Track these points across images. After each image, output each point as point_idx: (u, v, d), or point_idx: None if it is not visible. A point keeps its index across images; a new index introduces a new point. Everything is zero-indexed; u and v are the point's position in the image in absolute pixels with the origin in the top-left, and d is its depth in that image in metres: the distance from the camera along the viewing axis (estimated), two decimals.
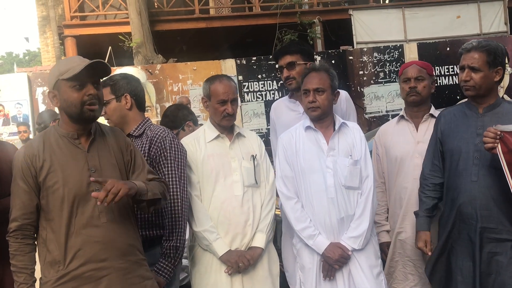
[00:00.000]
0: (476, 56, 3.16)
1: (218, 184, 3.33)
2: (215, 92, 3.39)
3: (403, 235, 3.59)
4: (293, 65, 3.76)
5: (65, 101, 2.60)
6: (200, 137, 3.44)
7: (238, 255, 3.26)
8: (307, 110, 3.36)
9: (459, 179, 3.20)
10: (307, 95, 3.33)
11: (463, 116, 3.29)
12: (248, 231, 3.33)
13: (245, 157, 3.41)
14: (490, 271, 3.10)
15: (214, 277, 3.29)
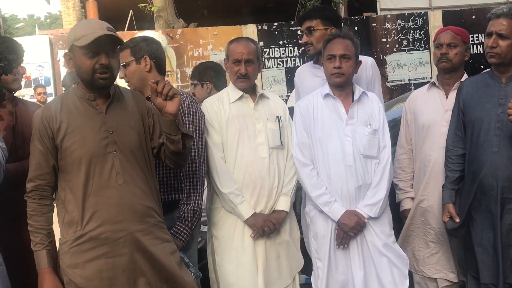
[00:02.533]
0: (505, 23, 3.09)
1: (243, 146, 3.31)
2: (231, 51, 3.36)
3: (425, 203, 3.57)
4: (311, 30, 3.71)
5: (78, 66, 2.61)
6: (224, 98, 3.41)
7: (264, 219, 3.26)
8: (331, 76, 3.30)
9: (481, 150, 3.16)
10: (332, 60, 3.28)
11: (485, 85, 3.24)
12: (273, 194, 3.33)
13: (269, 119, 3.38)
14: (510, 243, 3.09)
15: (237, 240, 3.30)
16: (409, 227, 3.65)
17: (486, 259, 3.16)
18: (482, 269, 3.18)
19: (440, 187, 3.43)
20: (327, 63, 3.31)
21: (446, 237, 3.50)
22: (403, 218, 3.67)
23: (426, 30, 11.23)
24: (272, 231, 3.27)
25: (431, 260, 3.58)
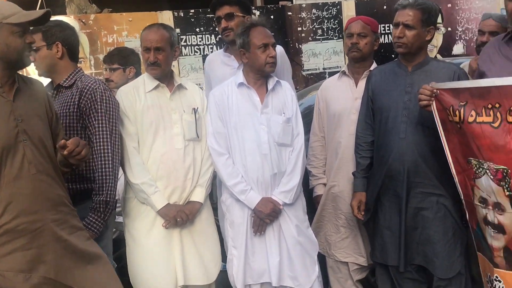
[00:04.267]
0: (411, 13, 3.20)
1: (158, 137, 3.29)
2: (143, 39, 3.33)
3: (336, 189, 3.67)
4: (231, 16, 3.71)
5: (6, 45, 2.51)
6: (140, 86, 3.36)
7: (177, 210, 3.26)
8: (265, 66, 3.33)
9: (389, 136, 3.28)
10: (265, 49, 3.31)
11: (393, 74, 3.36)
12: (188, 185, 3.32)
13: (186, 110, 3.37)
14: (416, 225, 3.24)
15: (151, 231, 3.28)
16: (322, 213, 3.75)
17: (393, 242, 3.30)
18: (390, 252, 3.32)
19: (350, 174, 3.54)
20: (259, 52, 3.32)
21: (356, 222, 3.63)
22: (316, 204, 3.77)
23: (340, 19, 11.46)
24: (184, 222, 3.27)
25: (342, 244, 3.70)
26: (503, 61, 3.00)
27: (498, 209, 2.79)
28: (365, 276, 3.80)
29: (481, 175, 2.82)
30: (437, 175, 3.18)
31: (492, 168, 2.75)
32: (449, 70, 3.24)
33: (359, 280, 3.78)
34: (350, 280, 3.75)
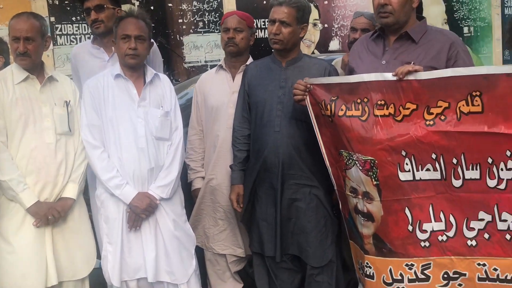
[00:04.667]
0: (287, 10, 3.27)
1: (28, 131, 3.13)
2: (11, 28, 3.15)
3: (214, 182, 3.68)
4: (102, 8, 3.62)
5: None
6: (8, 78, 3.18)
7: (48, 207, 3.12)
8: (125, 57, 3.25)
9: (264, 129, 3.35)
10: (127, 41, 3.22)
11: (268, 69, 3.43)
12: (60, 180, 3.19)
13: (57, 103, 3.23)
14: (290, 216, 3.33)
15: (20, 229, 3.13)
16: (200, 206, 3.75)
17: (269, 233, 3.37)
18: (267, 242, 3.39)
19: (228, 167, 3.57)
20: (122, 43, 3.24)
21: (234, 214, 3.67)
22: (194, 197, 3.76)
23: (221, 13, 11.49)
24: (57, 219, 3.15)
25: (220, 237, 3.72)
26: (371, 58, 3.16)
27: (367, 198, 2.94)
28: (243, 267, 3.85)
29: (351, 166, 2.95)
30: (310, 167, 3.29)
31: (361, 159, 2.89)
32: (320, 66, 3.35)
33: (237, 271, 3.82)
34: (228, 272, 3.79)
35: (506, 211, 2.69)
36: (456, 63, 2.95)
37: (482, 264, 2.80)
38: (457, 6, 12.64)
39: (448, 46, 2.99)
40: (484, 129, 2.63)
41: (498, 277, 2.77)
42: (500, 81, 2.57)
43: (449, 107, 2.70)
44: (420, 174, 2.81)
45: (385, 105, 2.82)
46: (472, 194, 2.74)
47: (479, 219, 2.76)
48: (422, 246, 2.88)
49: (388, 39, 3.12)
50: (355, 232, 3.11)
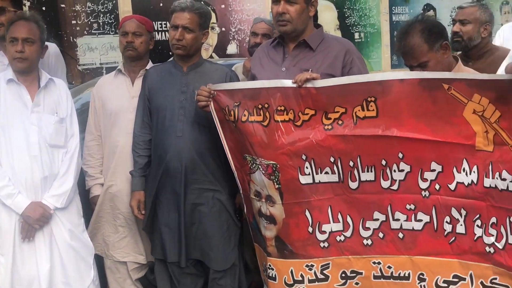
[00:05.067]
0: (189, 16, 3.28)
1: None
2: None
3: (114, 188, 3.60)
4: (3, 10, 3.52)
5: None
6: None
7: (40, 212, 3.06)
8: (13, 61, 3.12)
9: (166, 135, 3.32)
10: (14, 44, 3.09)
11: (169, 74, 3.41)
12: None
13: None
14: (193, 221, 3.33)
15: None
16: (99, 213, 3.65)
17: (172, 239, 3.35)
18: (169, 248, 3.36)
19: (128, 173, 3.50)
20: (10, 46, 3.11)
21: (135, 220, 3.61)
22: (93, 205, 3.66)
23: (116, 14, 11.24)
24: None
25: (120, 244, 3.64)
26: (271, 64, 3.22)
27: (269, 202, 3.00)
28: (144, 274, 3.79)
29: (255, 170, 3.00)
30: (213, 171, 3.31)
31: (264, 163, 2.94)
32: (222, 72, 3.38)
33: (138, 279, 3.76)
34: (129, 280, 3.71)
35: (398, 210, 2.83)
36: (351, 69, 3.08)
37: (377, 262, 2.91)
38: (349, 13, 13.14)
39: (343, 54, 3.10)
40: (379, 132, 2.75)
41: (392, 275, 2.90)
42: (394, 87, 2.70)
43: (345, 112, 2.80)
44: (320, 177, 2.90)
45: (285, 111, 2.89)
46: (367, 195, 2.86)
47: (374, 219, 2.88)
48: (321, 246, 2.97)
49: (288, 46, 3.19)
50: (259, 235, 3.15)
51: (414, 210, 2.81)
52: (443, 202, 2.75)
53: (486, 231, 2.67)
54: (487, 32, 3.71)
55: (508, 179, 2.54)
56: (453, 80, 2.60)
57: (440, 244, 2.79)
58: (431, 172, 2.73)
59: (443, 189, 2.73)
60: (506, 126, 2.52)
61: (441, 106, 2.64)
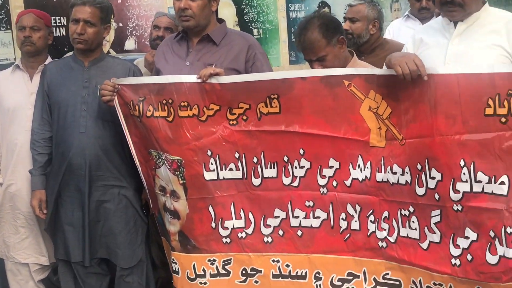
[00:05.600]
0: (90, 10, 3.22)
1: None
2: None
3: (14, 188, 3.50)
4: None
5: None
6: None
7: None
8: None
9: (68, 131, 3.25)
10: None
11: (69, 69, 3.34)
12: None
13: None
14: (99, 218, 3.28)
15: None
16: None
17: (76, 238, 3.29)
18: (73, 248, 3.30)
19: (27, 171, 3.40)
20: None
21: (36, 220, 3.51)
22: None
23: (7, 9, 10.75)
24: None
25: (21, 245, 3.54)
26: (175, 59, 3.23)
27: (174, 197, 3.01)
28: (46, 275, 3.70)
29: (161, 166, 3.00)
30: (118, 167, 3.28)
31: (169, 159, 2.95)
32: (124, 66, 3.35)
33: (41, 280, 3.66)
34: (32, 281, 3.62)
35: (298, 207, 2.87)
36: (254, 64, 3.15)
37: (276, 260, 2.95)
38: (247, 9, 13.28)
39: (246, 48, 3.17)
40: (282, 128, 2.81)
41: (290, 274, 2.94)
42: (296, 84, 2.77)
43: (249, 108, 2.85)
44: (224, 173, 2.93)
45: (189, 107, 2.90)
46: (269, 192, 2.90)
47: (274, 216, 2.92)
48: (223, 242, 2.99)
49: (192, 41, 3.22)
50: (164, 230, 3.16)
51: (313, 207, 2.85)
52: (340, 199, 2.80)
53: (379, 225, 2.76)
54: (376, 29, 3.87)
55: (399, 172, 2.66)
56: (353, 76, 2.69)
57: (336, 241, 2.85)
58: (329, 169, 2.79)
59: (339, 186, 2.79)
60: (396, 121, 2.64)
61: (340, 103, 2.72)
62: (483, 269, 2.49)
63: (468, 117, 2.46)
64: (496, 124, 2.41)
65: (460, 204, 2.51)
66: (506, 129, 2.40)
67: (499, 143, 2.41)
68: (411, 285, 2.73)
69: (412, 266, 2.70)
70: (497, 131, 2.41)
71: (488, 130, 2.43)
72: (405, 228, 2.70)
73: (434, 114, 2.52)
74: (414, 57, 2.54)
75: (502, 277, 2.45)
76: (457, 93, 2.46)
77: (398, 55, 2.60)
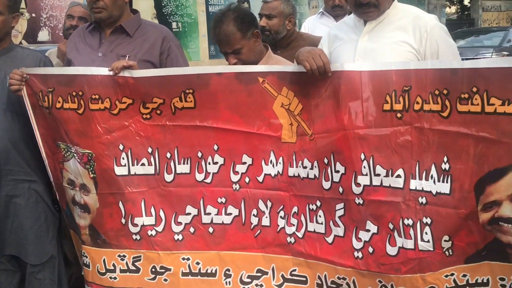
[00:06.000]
0: None
1: None
2: None
3: None
4: None
5: None
6: None
7: None
8: None
9: None
10: None
11: None
12: None
13: None
14: (8, 214, 3.16)
15: None
16: None
17: None
18: None
19: None
20: None
21: None
22: None
23: None
24: None
25: None
26: (88, 49, 3.19)
27: (84, 191, 2.98)
28: None
29: (70, 159, 2.95)
30: (29, 161, 3.17)
31: (79, 152, 2.91)
32: (35, 57, 3.25)
33: None
34: None
35: (210, 204, 2.89)
36: (169, 56, 3.15)
37: (186, 258, 2.96)
38: (165, 2, 13.17)
39: (161, 40, 3.17)
40: (196, 123, 2.82)
41: (200, 271, 2.96)
42: (212, 80, 2.79)
43: (164, 103, 2.83)
44: (135, 169, 2.91)
45: (100, 99, 2.86)
46: (182, 189, 2.90)
47: (186, 213, 2.92)
48: (133, 238, 2.97)
49: (104, 31, 3.18)
50: (73, 223, 3.11)
51: (225, 204, 2.88)
52: (252, 195, 2.84)
53: (288, 221, 2.81)
54: (292, 24, 3.94)
55: (308, 166, 2.74)
56: (268, 74, 2.74)
57: (246, 237, 2.88)
58: (242, 165, 2.83)
59: (252, 182, 2.82)
60: (306, 117, 2.72)
61: (255, 99, 2.76)
62: (384, 260, 2.61)
63: (368, 113, 2.57)
64: (392, 119, 2.54)
65: (361, 197, 2.62)
66: (401, 124, 2.52)
67: (395, 137, 2.54)
68: (317, 280, 2.81)
69: (317, 261, 2.78)
70: (393, 126, 2.54)
71: (385, 125, 2.55)
72: (313, 223, 2.78)
73: (339, 109, 2.62)
74: (320, 52, 2.63)
75: (401, 268, 2.58)
76: (359, 89, 2.57)
77: (305, 51, 2.67)
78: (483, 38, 15.55)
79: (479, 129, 2.37)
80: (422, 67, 2.51)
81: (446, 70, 2.43)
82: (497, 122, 2.32)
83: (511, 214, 2.37)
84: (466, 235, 2.48)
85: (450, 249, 2.51)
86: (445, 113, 2.44)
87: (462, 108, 2.40)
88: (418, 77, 2.49)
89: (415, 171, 2.53)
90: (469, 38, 15.59)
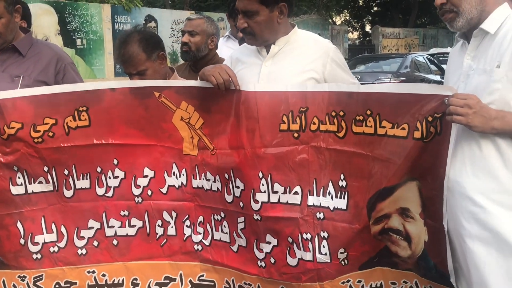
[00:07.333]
0: None
1: None
2: None
3: None
4: None
5: None
6: None
7: None
8: None
9: None
10: None
11: None
12: None
13: None
14: None
15: None
16: None
17: None
18: None
19: None
20: None
21: None
22: None
23: None
24: None
25: None
26: None
27: None
28: None
29: None
30: None
31: None
32: None
33: None
34: None
35: (113, 217, 2.89)
36: (65, 76, 3.05)
37: (92, 271, 2.93)
38: (70, 18, 12.45)
39: (55, 60, 3.06)
40: (93, 141, 2.77)
41: (106, 282, 2.95)
42: (105, 96, 2.74)
43: (56, 123, 2.74)
44: (33, 187, 2.83)
45: None
46: (83, 203, 2.86)
47: (88, 228, 2.90)
48: (34, 258, 2.90)
49: None
50: None
51: (128, 216, 2.88)
52: (155, 207, 2.87)
53: (195, 230, 2.88)
54: (214, 44, 3.95)
55: (211, 179, 2.80)
56: (163, 88, 2.74)
57: (152, 247, 2.91)
58: (144, 178, 2.84)
59: (155, 194, 2.85)
60: (208, 132, 2.76)
61: (153, 112, 2.75)
62: (285, 270, 2.75)
63: (265, 132, 2.65)
64: (289, 139, 2.64)
65: (259, 214, 2.72)
66: (298, 144, 2.63)
67: (293, 156, 2.64)
68: (225, 285, 2.92)
69: (224, 267, 2.88)
70: (290, 145, 2.64)
71: (282, 145, 2.65)
72: (218, 232, 2.87)
73: (238, 127, 2.69)
74: (226, 68, 2.68)
75: (301, 277, 2.73)
76: (255, 109, 2.64)
77: (210, 67, 2.70)
78: (383, 63, 15.90)
79: (371, 150, 2.51)
80: (319, 90, 2.60)
81: (343, 93, 2.54)
82: (387, 143, 2.47)
83: (399, 226, 2.55)
84: (360, 246, 2.65)
85: (346, 259, 2.67)
86: (341, 134, 2.57)
87: (357, 129, 2.53)
88: (315, 99, 2.58)
89: (313, 187, 2.66)
90: (370, 64, 15.89)
